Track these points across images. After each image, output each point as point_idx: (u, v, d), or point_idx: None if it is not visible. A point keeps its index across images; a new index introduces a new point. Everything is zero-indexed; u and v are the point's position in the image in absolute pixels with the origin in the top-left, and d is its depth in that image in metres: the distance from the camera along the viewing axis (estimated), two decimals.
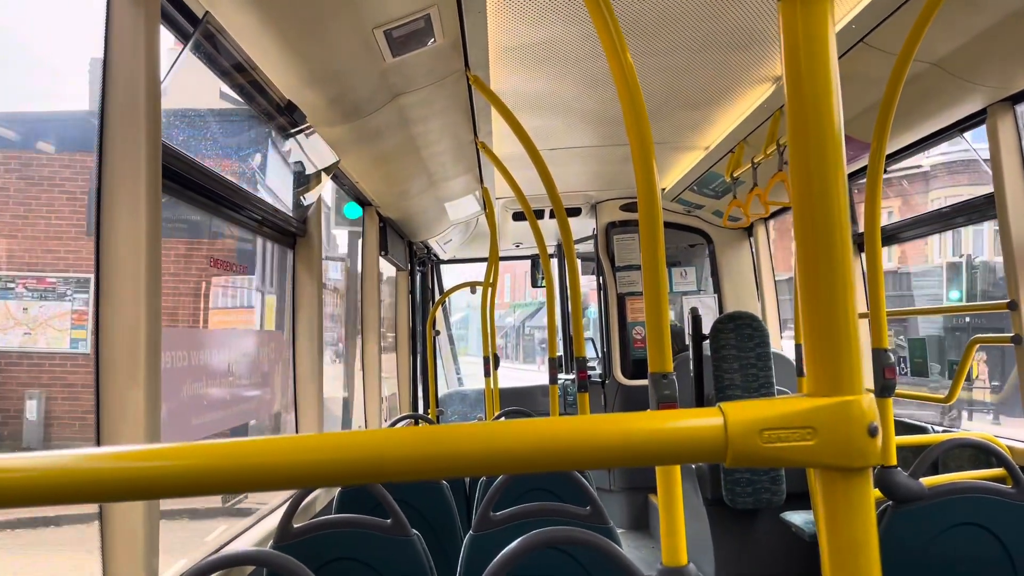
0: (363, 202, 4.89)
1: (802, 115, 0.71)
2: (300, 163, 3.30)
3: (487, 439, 0.75)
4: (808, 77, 0.71)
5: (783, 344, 6.56)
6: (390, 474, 0.76)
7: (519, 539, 1.78)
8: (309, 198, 3.40)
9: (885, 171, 2.99)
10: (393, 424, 5.24)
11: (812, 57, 0.70)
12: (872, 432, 0.68)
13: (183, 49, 2.13)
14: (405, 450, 0.75)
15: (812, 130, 0.71)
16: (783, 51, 0.74)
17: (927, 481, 2.74)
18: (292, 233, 3.40)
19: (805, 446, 0.68)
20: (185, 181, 2.30)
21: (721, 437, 0.69)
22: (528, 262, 8.64)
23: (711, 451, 0.69)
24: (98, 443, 1.69)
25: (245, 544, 2.63)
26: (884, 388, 2.90)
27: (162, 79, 1.90)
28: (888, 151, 3.62)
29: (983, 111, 3.44)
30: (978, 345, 3.70)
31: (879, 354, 2.90)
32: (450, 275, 8.79)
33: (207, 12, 2.11)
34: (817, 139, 0.70)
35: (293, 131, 2.99)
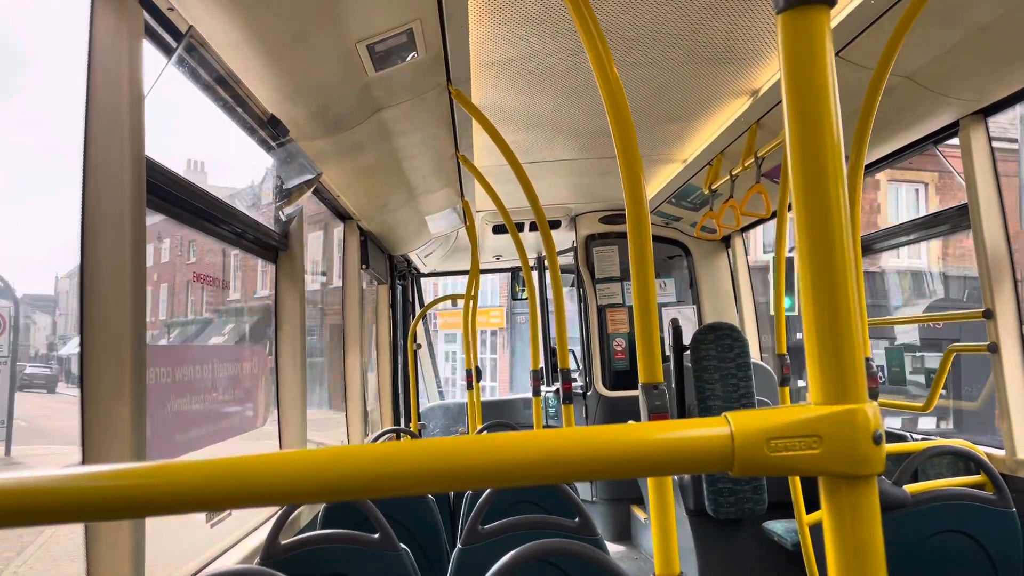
0: (344, 216, 4.88)
1: (802, 125, 0.72)
2: (282, 177, 3.29)
3: (484, 452, 0.75)
4: (808, 87, 0.72)
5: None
6: (378, 490, 0.75)
7: (511, 552, 1.77)
8: (291, 212, 3.38)
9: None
10: (376, 439, 5.20)
11: (812, 67, 0.71)
12: (877, 440, 0.68)
13: (166, 63, 2.12)
14: (394, 466, 0.74)
15: (813, 139, 0.72)
16: (782, 62, 0.75)
17: (909, 489, 2.77)
18: (274, 247, 3.38)
19: (811, 454, 0.69)
20: (168, 195, 2.28)
21: (728, 447, 0.69)
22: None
23: (718, 461, 0.70)
24: (84, 461, 1.67)
25: (231, 561, 2.59)
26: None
27: (145, 93, 1.89)
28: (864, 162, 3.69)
29: (956, 123, 3.51)
30: (955, 354, 3.75)
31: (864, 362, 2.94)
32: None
33: (191, 26, 2.10)
34: (818, 149, 0.71)
35: (275, 144, 2.98)
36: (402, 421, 6.82)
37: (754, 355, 6.42)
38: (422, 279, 8.59)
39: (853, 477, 0.69)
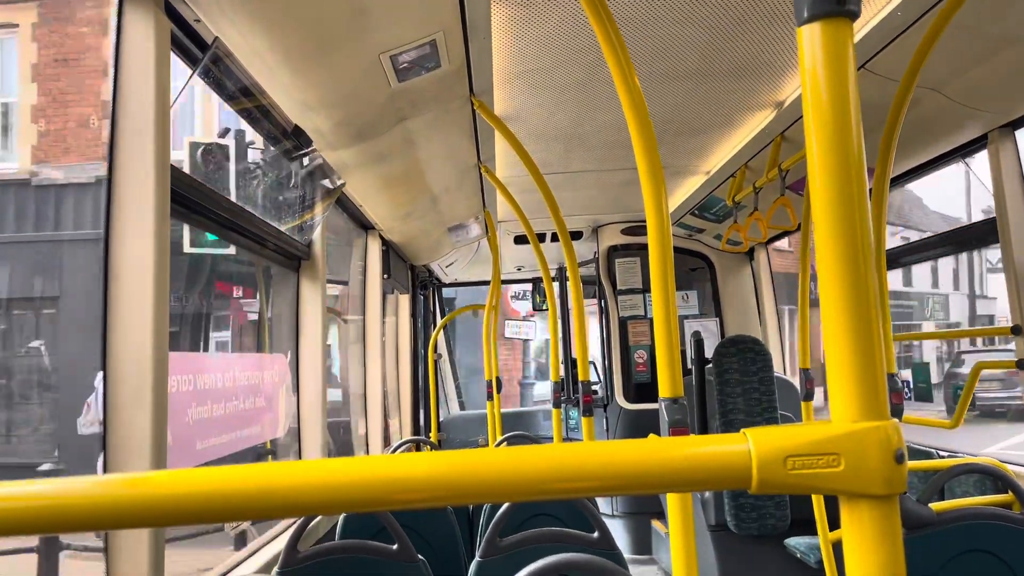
0: (367, 225, 4.90)
1: (824, 139, 0.71)
2: (305, 186, 3.31)
3: (503, 466, 0.74)
4: (830, 101, 0.71)
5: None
6: (398, 502, 0.75)
7: (528, 567, 1.76)
8: (314, 221, 3.41)
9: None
10: (395, 449, 5.21)
11: (834, 80, 0.70)
12: (899, 458, 0.67)
13: (192, 74, 2.14)
14: (413, 478, 0.74)
15: (835, 153, 0.70)
16: (802, 75, 0.74)
17: (935, 507, 2.72)
18: (297, 256, 3.40)
19: (831, 473, 0.67)
20: (192, 204, 2.31)
21: (747, 464, 0.68)
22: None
23: (737, 478, 0.69)
24: (105, 468, 1.68)
25: (250, 570, 2.60)
26: (892, 413, 2.88)
27: (171, 103, 1.91)
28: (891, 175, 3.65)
29: (984, 137, 3.46)
30: (983, 369, 3.69)
31: (886, 378, 2.89)
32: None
33: (216, 37, 2.12)
34: (840, 162, 0.70)
35: (298, 154, 3.00)
36: (422, 431, 6.83)
37: (777, 369, 6.36)
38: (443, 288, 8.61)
39: (874, 496, 0.68)
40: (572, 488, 0.75)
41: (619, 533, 6.43)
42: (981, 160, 3.62)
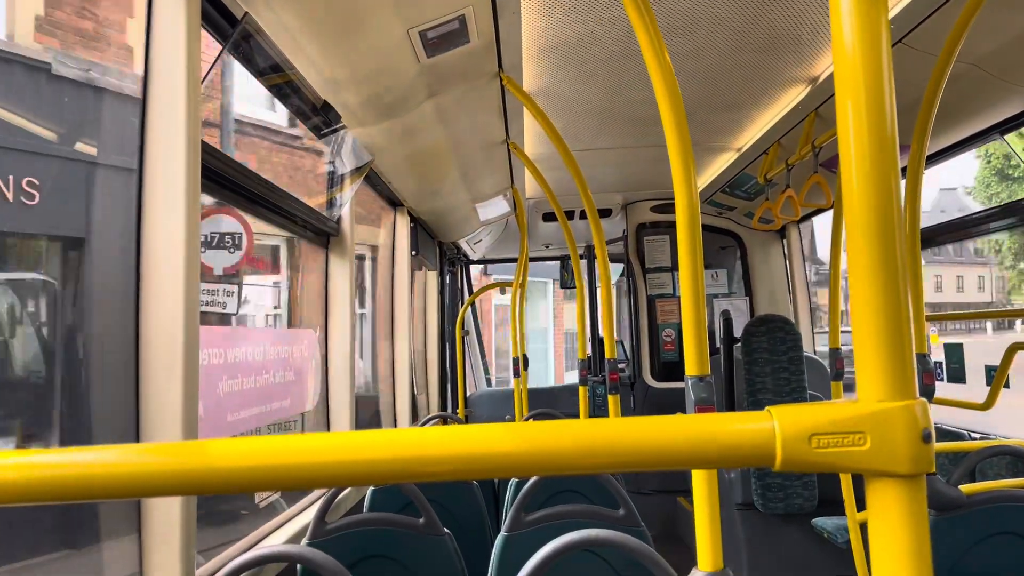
0: (395, 202, 4.92)
1: (857, 115, 0.70)
2: (334, 163, 3.33)
3: (529, 440, 0.75)
4: (863, 76, 0.69)
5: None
6: (424, 474, 0.75)
7: (554, 541, 1.77)
8: (343, 197, 3.42)
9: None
10: (423, 424, 5.26)
11: (867, 54, 0.69)
12: (926, 438, 0.66)
13: (222, 50, 2.15)
14: (440, 451, 0.74)
15: (867, 129, 0.69)
16: (833, 49, 0.73)
17: (965, 489, 2.70)
18: (326, 232, 3.43)
19: (856, 451, 0.67)
20: (223, 179, 2.33)
21: (771, 441, 0.68)
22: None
23: (760, 456, 0.68)
24: (137, 439, 1.72)
25: (278, 541, 2.65)
26: (923, 393, 2.85)
27: (201, 78, 1.92)
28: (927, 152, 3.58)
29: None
30: (1018, 350, 3.63)
31: (918, 359, 2.86)
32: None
33: (246, 13, 2.13)
34: (872, 139, 0.69)
35: (327, 131, 3.01)
36: (449, 407, 6.88)
37: (808, 349, 6.30)
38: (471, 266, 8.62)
39: (900, 476, 0.67)
40: (596, 463, 0.75)
41: (646, 511, 6.44)
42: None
